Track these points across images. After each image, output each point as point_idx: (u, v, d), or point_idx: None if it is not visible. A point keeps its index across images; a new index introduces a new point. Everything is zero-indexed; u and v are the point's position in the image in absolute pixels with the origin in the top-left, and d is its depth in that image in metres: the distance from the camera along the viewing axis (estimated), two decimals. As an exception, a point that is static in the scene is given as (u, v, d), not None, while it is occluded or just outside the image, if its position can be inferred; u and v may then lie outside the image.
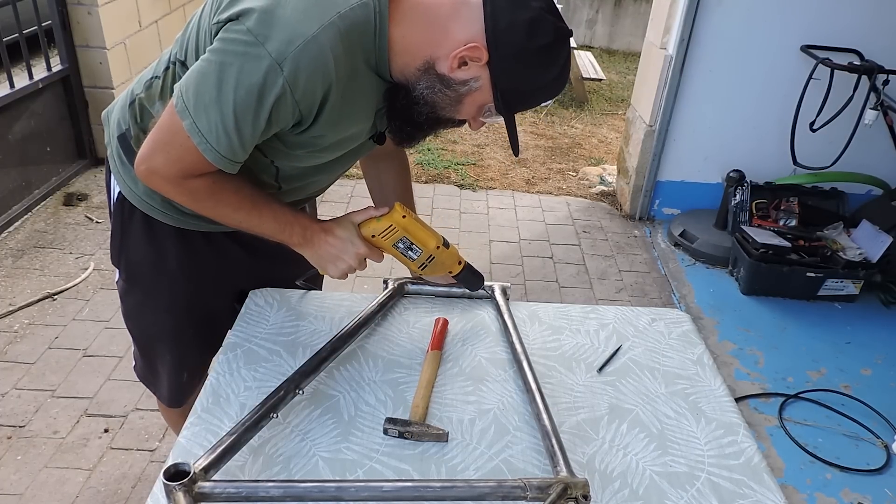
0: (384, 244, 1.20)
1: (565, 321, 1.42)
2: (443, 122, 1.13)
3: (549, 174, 4.26)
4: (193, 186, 1.08)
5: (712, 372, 1.31)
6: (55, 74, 3.40)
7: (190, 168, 1.05)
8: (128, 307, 1.45)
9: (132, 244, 1.34)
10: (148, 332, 1.46)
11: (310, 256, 1.21)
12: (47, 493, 1.92)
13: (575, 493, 0.95)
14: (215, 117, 0.98)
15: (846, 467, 2.24)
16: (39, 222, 3.19)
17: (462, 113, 1.10)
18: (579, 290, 3.10)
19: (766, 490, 1.06)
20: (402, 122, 1.13)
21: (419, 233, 1.20)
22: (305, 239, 1.19)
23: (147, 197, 1.26)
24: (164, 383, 1.51)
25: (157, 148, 1.05)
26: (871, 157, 3.36)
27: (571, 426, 1.15)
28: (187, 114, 1.00)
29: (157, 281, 1.36)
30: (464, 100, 1.07)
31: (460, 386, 1.22)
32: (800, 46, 3.21)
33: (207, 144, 1.01)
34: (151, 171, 1.07)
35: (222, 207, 1.13)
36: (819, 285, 3.04)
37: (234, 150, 1.02)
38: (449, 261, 1.27)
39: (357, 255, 1.18)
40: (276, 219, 1.16)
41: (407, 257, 1.22)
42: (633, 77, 4.28)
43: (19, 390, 2.24)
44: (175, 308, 1.38)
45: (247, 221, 1.16)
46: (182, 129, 1.01)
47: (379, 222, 1.18)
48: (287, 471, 1.02)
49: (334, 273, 1.21)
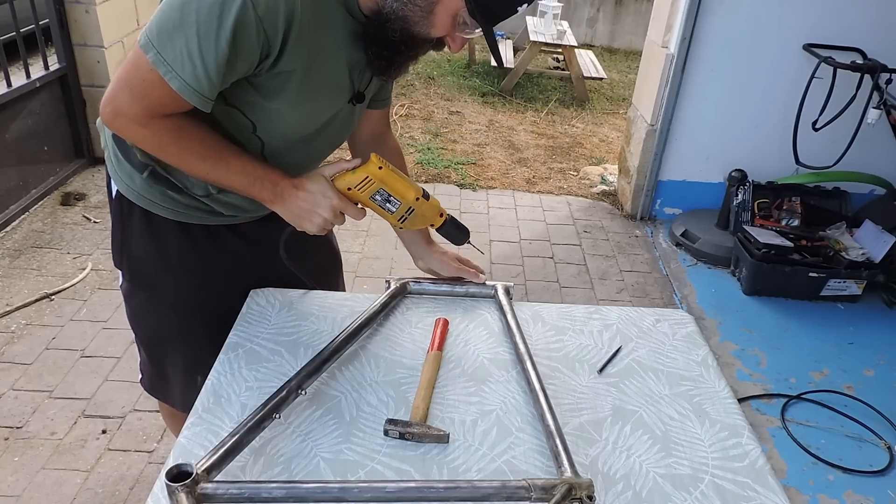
0: (361, 197, 1.17)
1: (569, 322, 1.41)
2: (419, 41, 1.09)
3: (549, 174, 4.25)
4: (158, 128, 1.07)
5: (716, 373, 1.30)
6: (53, 73, 3.39)
7: (156, 105, 1.04)
8: (133, 309, 1.42)
9: (133, 242, 1.32)
10: (155, 333, 1.43)
11: (283, 213, 1.19)
12: (45, 495, 1.90)
13: (580, 494, 0.94)
14: (179, 42, 0.98)
15: (849, 469, 2.23)
16: (37, 222, 3.18)
17: (437, 26, 1.07)
18: (580, 290, 3.09)
19: (770, 493, 1.05)
20: (378, 46, 1.10)
21: (397, 184, 1.17)
22: (276, 195, 1.16)
23: (145, 192, 1.24)
24: (177, 388, 1.47)
25: (121, 86, 1.04)
26: (874, 157, 3.35)
27: (574, 427, 1.14)
28: (151, 46, 0.99)
29: (160, 278, 1.34)
30: (435, 9, 1.04)
31: (462, 387, 1.21)
32: (802, 45, 3.20)
33: (172, 72, 1.00)
34: (116, 111, 1.06)
35: (188, 156, 1.11)
36: (822, 285, 3.03)
37: (198, 78, 1.01)
38: (430, 213, 1.23)
39: (332, 207, 1.15)
40: (244, 172, 1.13)
41: (385, 210, 1.19)
42: (634, 76, 4.27)
43: (16, 391, 2.23)
44: (180, 305, 1.36)
45: (214, 172, 1.13)
46: (146, 63, 1.00)
47: (354, 174, 1.15)
48: (288, 472, 1.01)
49: (311, 228, 1.18)
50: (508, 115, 5.18)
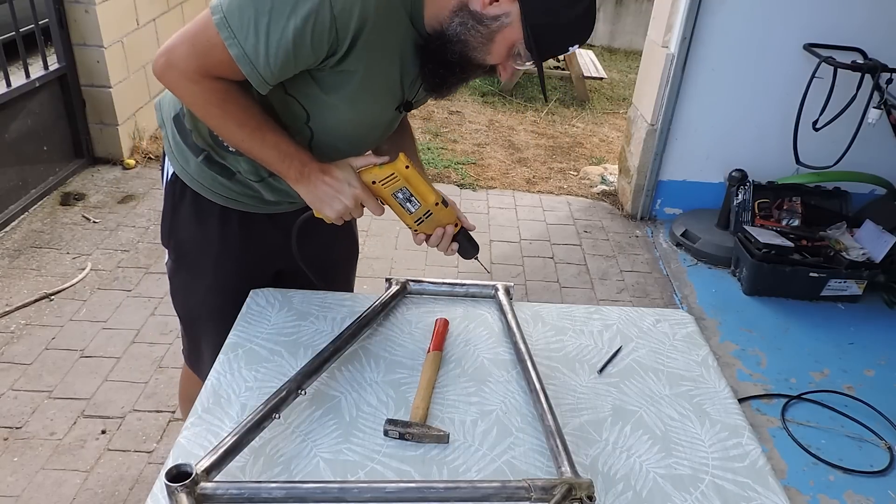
0: (384, 192, 1.20)
1: (569, 322, 1.41)
2: (474, 65, 1.14)
3: (549, 173, 4.25)
4: (207, 87, 1.09)
5: (716, 373, 1.30)
6: (52, 73, 3.38)
7: (211, 66, 1.07)
8: (175, 287, 1.49)
9: (181, 224, 1.37)
10: (193, 312, 1.50)
11: (305, 195, 1.21)
12: (44, 496, 1.90)
13: (580, 494, 0.94)
14: (248, 13, 1.01)
15: (849, 469, 2.22)
16: (36, 222, 3.17)
17: (493, 54, 1.12)
18: (580, 290, 3.09)
19: (770, 493, 1.04)
20: (436, 64, 1.15)
21: (420, 185, 1.20)
22: (302, 175, 1.18)
23: (198, 175, 1.29)
24: (207, 364, 1.53)
25: (182, 40, 1.08)
26: (874, 157, 3.35)
27: (574, 428, 1.13)
28: (219, 9, 1.02)
29: (201, 261, 1.40)
30: (495, 37, 1.09)
31: (462, 387, 1.20)
32: (802, 45, 3.19)
33: (234, 39, 1.03)
34: (170, 63, 1.08)
35: (228, 119, 1.14)
36: (822, 286, 3.03)
37: (258, 52, 1.03)
38: (446, 219, 1.26)
39: (354, 197, 1.18)
40: (276, 146, 1.16)
41: (404, 209, 1.22)
42: (634, 76, 4.27)
43: (16, 391, 2.23)
44: (217, 288, 1.42)
45: (249, 141, 1.16)
46: (212, 24, 1.03)
47: (381, 169, 1.18)
48: (288, 472, 1.01)
49: (330, 214, 1.20)
50: (508, 115, 5.18)
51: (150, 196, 3.48)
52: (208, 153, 1.27)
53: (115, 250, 3.01)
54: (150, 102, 4.01)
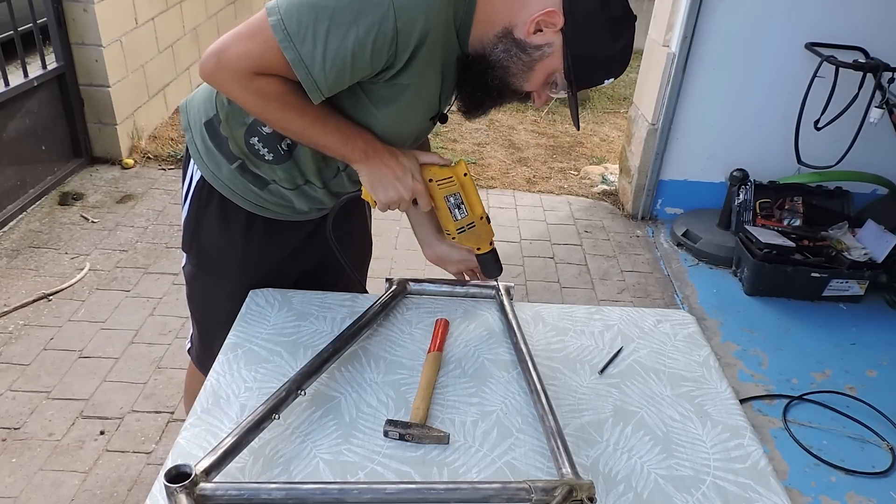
0: (437, 193, 1.21)
1: (570, 322, 1.40)
2: (510, 91, 1.16)
3: (550, 173, 4.24)
4: (262, 85, 1.08)
5: (718, 374, 1.29)
6: (51, 72, 3.37)
7: (264, 67, 1.05)
8: (193, 290, 1.49)
9: (205, 230, 1.37)
10: (211, 317, 1.49)
11: (364, 175, 1.19)
12: (42, 497, 1.89)
13: (580, 496, 0.94)
14: (307, 17, 0.99)
15: (851, 470, 2.22)
16: (34, 222, 3.17)
17: (531, 81, 1.13)
18: (581, 290, 3.08)
19: (772, 494, 1.04)
20: (474, 87, 1.16)
21: (472, 195, 1.22)
22: (367, 155, 1.17)
23: (229, 181, 1.28)
24: None
25: (235, 40, 1.05)
26: (876, 156, 3.34)
27: (575, 428, 1.13)
28: (276, 11, 1.01)
29: (224, 267, 1.40)
30: (535, 66, 1.11)
31: (463, 387, 1.20)
32: (804, 44, 3.19)
33: (290, 42, 1.01)
34: (222, 65, 1.06)
35: (289, 111, 1.12)
36: (824, 286, 3.02)
37: (314, 59, 1.02)
38: (485, 236, 1.29)
39: (412, 188, 1.18)
40: (339, 129, 1.15)
41: (451, 214, 1.23)
42: (635, 75, 4.26)
43: (14, 392, 2.22)
44: (238, 294, 1.40)
45: (311, 129, 1.14)
46: (268, 26, 1.01)
47: (441, 170, 1.20)
48: (287, 473, 1.00)
49: (383, 198, 1.19)
50: (508, 115, 5.17)
51: (149, 196, 3.48)
52: (243, 161, 1.26)
53: (114, 250, 3.00)
54: (149, 102, 4.00)
